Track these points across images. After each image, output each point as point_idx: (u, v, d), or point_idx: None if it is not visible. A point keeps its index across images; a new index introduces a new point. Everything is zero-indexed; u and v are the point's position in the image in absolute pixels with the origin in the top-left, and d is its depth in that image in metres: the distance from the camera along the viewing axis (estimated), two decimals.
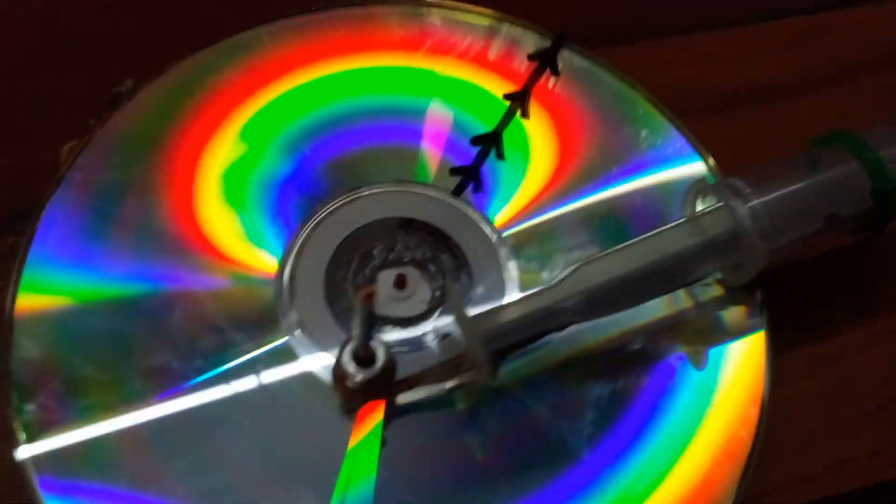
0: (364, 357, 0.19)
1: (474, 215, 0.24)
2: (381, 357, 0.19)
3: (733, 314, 0.23)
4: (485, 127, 0.25)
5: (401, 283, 0.23)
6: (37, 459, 0.19)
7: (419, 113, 0.26)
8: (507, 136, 0.25)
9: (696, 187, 0.21)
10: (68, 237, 0.23)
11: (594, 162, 0.25)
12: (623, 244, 0.20)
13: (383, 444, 0.20)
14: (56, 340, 0.21)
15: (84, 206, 0.23)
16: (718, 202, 0.21)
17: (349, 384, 0.19)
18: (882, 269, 0.26)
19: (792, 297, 0.26)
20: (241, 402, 0.21)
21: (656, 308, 0.23)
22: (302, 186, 0.24)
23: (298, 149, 0.25)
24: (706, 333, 0.23)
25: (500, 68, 0.27)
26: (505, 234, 0.24)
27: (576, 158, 0.25)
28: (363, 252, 0.23)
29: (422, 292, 0.23)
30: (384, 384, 0.19)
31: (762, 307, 0.23)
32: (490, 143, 0.25)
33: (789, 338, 0.25)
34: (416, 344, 0.22)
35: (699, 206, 0.22)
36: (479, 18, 0.28)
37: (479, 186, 0.25)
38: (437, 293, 0.23)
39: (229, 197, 0.24)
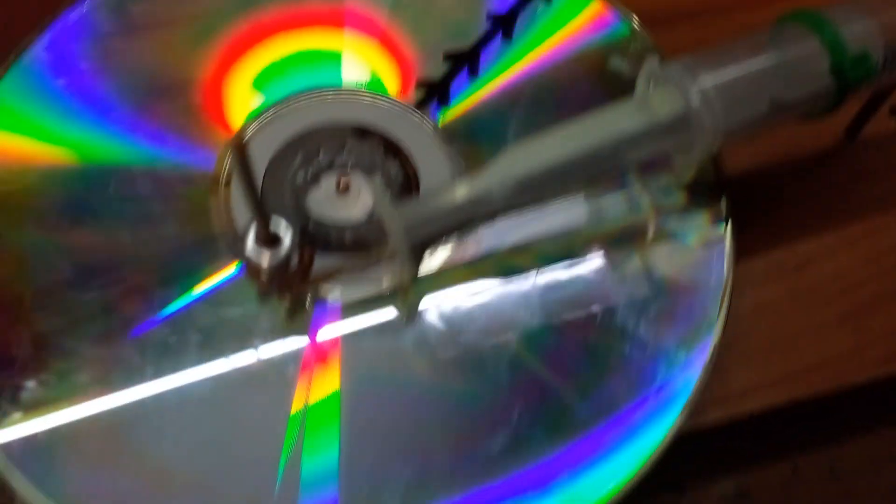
0: (267, 238, 0.17)
1: (428, 128, 0.23)
2: (286, 238, 0.17)
3: (697, 222, 0.23)
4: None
5: (343, 187, 0.22)
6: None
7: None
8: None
9: (648, 68, 0.20)
10: None
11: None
12: (561, 126, 0.19)
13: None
14: None
15: None
16: (668, 82, 0.20)
17: (262, 276, 0.18)
18: (852, 177, 0.26)
19: (758, 205, 0.25)
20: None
21: (617, 216, 0.22)
22: None
23: None
24: (669, 242, 0.22)
25: None
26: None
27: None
28: (309, 151, 0.22)
29: (364, 199, 0.22)
30: (302, 274, 0.18)
31: (726, 217, 0.22)
32: (464, 61, 0.24)
33: (754, 245, 0.24)
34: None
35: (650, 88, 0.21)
36: None
37: (444, 101, 0.24)
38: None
39: None
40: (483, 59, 0.24)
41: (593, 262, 0.22)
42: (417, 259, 0.18)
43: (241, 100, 0.23)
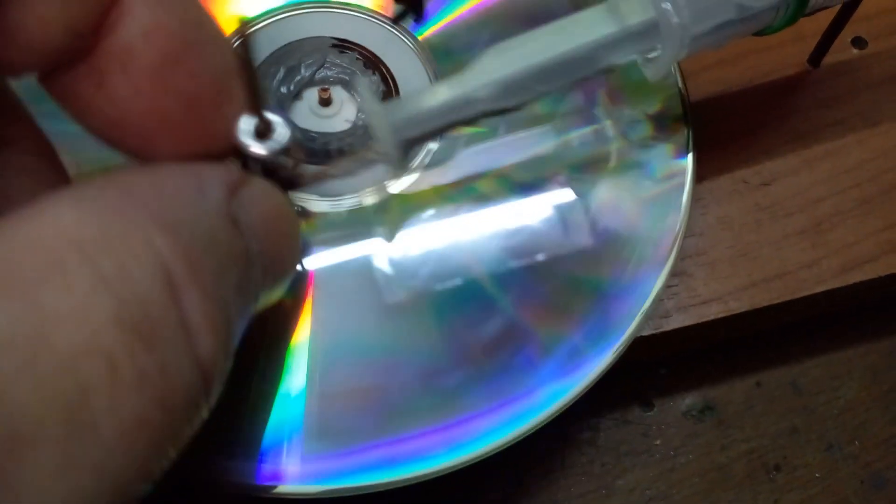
0: (261, 129, 0.16)
1: (409, 42, 0.24)
2: (280, 130, 0.16)
3: (662, 150, 0.24)
4: None
5: (326, 100, 0.23)
6: None
7: None
8: None
9: None
10: None
11: None
12: (538, 30, 0.19)
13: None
14: None
15: None
16: None
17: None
18: (814, 103, 0.26)
19: (725, 130, 0.26)
20: None
21: (584, 147, 0.23)
22: None
23: None
24: (635, 169, 0.23)
25: None
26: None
27: None
28: (290, 66, 0.23)
29: (346, 112, 0.23)
30: (289, 172, 0.18)
31: (689, 142, 0.23)
32: None
33: (721, 165, 0.25)
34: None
35: None
36: None
37: (419, 18, 0.24)
38: (362, 115, 0.23)
39: None
40: None
41: (541, 206, 0.23)
42: (402, 160, 0.19)
43: (222, 14, 0.24)
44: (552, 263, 0.22)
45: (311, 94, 0.23)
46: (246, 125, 0.15)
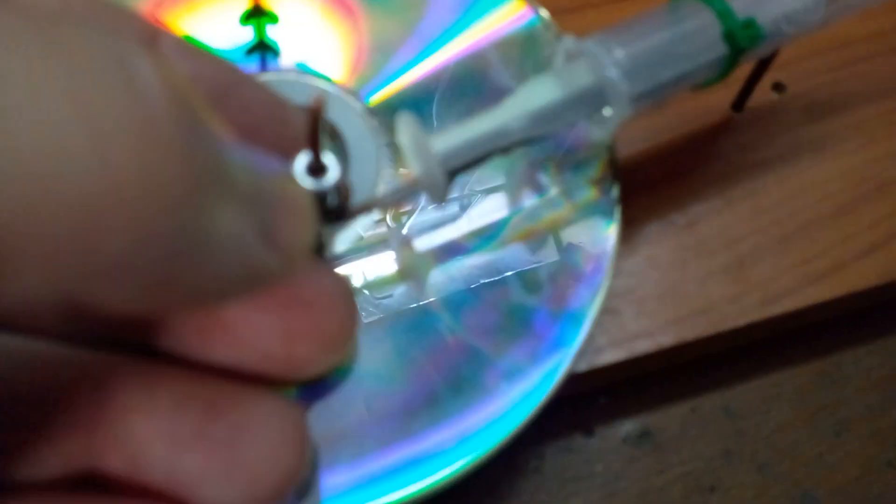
0: (316, 168, 0.18)
1: (357, 107, 0.26)
2: (333, 170, 0.18)
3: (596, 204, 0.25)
4: None
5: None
6: None
7: None
8: None
9: (563, 45, 0.22)
10: None
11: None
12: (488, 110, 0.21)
13: None
14: None
15: None
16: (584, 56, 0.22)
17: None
18: (736, 147, 0.28)
19: (651, 175, 0.28)
20: None
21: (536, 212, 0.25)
22: None
23: None
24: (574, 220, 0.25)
25: None
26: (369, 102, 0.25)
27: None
28: None
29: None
30: (338, 207, 0.19)
31: (618, 194, 0.25)
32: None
33: (649, 208, 0.27)
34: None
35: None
36: None
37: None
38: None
39: None
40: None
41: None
42: (446, 189, 0.20)
43: None
44: (501, 304, 0.23)
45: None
46: (301, 163, 0.17)
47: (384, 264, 0.23)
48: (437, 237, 0.24)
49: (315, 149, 0.17)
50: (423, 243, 0.24)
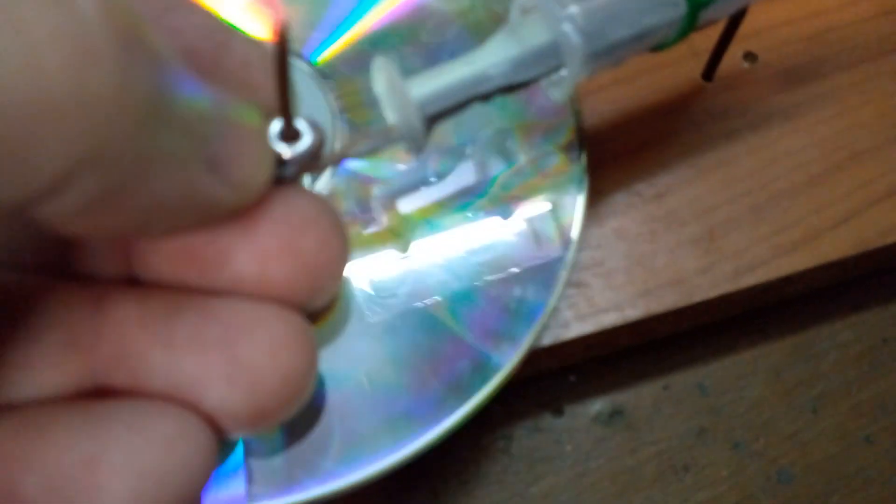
0: (290, 135, 0.17)
1: (304, 68, 0.25)
2: (307, 134, 0.17)
3: (564, 174, 0.24)
4: None
5: None
6: None
7: None
8: None
9: (519, 2, 0.21)
10: None
11: None
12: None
13: None
14: None
15: None
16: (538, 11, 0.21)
17: (279, 163, 0.19)
18: (707, 115, 0.28)
19: (621, 145, 0.27)
20: None
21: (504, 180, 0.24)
22: None
23: None
24: (532, 191, 0.24)
25: None
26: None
27: None
28: None
29: None
30: (313, 158, 0.19)
31: (583, 159, 0.24)
32: None
33: (617, 179, 0.26)
34: None
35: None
36: None
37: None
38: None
39: None
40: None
41: (509, 226, 0.24)
42: (425, 137, 0.19)
43: None
44: (473, 271, 0.23)
45: None
46: (274, 128, 0.16)
47: (388, 264, 0.23)
48: (418, 198, 0.24)
49: (286, 112, 0.16)
50: (407, 205, 0.23)
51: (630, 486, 0.26)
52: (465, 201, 0.24)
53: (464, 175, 0.24)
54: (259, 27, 0.25)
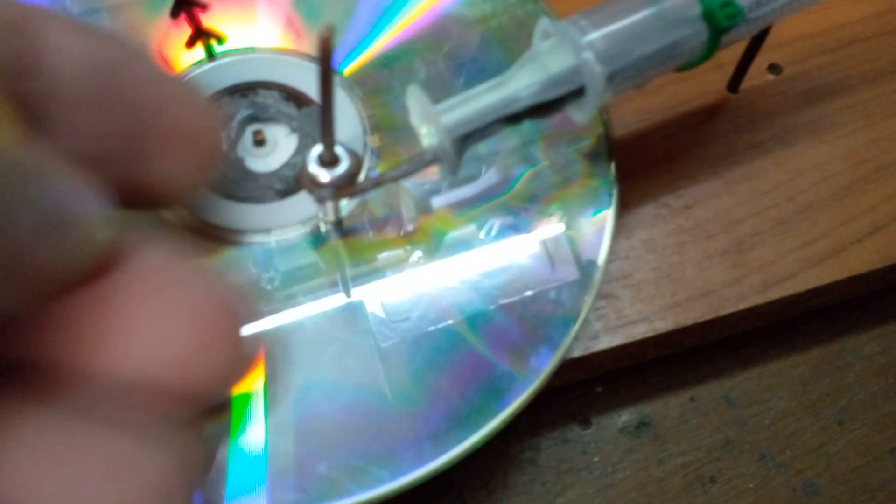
0: (329, 160, 0.18)
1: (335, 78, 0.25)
2: (345, 160, 0.18)
3: (591, 184, 0.25)
4: None
5: (260, 141, 0.24)
6: None
7: None
8: None
9: (540, 27, 0.22)
10: None
11: None
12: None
13: None
14: None
15: None
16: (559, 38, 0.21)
17: (316, 186, 0.19)
18: (733, 127, 0.28)
19: (649, 157, 0.27)
20: None
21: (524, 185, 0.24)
22: None
23: None
24: (560, 201, 0.24)
25: None
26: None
27: None
28: (223, 111, 0.24)
29: (283, 149, 0.24)
30: (350, 182, 0.19)
31: (614, 172, 0.24)
32: None
33: (645, 191, 0.26)
34: None
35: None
36: None
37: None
38: (300, 142, 0.24)
39: None
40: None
41: (524, 247, 0.24)
42: (458, 160, 0.19)
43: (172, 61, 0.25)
44: (487, 294, 0.23)
45: (247, 136, 0.24)
46: (314, 152, 0.18)
47: (399, 287, 0.23)
48: (445, 197, 0.24)
49: (328, 139, 0.17)
50: (437, 202, 0.24)
51: (657, 498, 0.26)
52: (489, 196, 0.24)
53: (489, 177, 0.24)
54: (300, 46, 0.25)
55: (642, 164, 0.27)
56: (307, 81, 0.25)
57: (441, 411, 0.22)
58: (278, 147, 0.24)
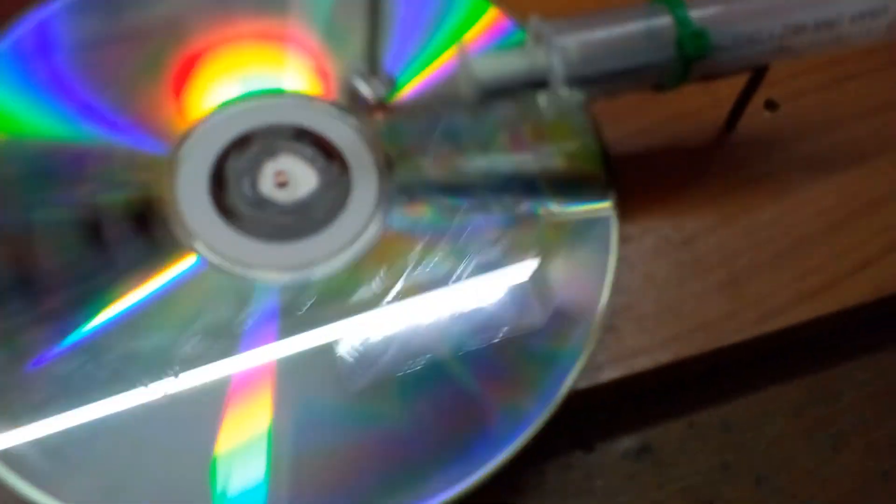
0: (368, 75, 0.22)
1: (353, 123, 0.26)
2: (385, 81, 0.23)
3: (591, 220, 0.26)
4: None
5: (282, 183, 0.25)
6: None
7: None
8: None
9: (531, 25, 0.23)
10: None
11: None
12: None
13: None
14: None
15: None
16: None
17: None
18: (731, 164, 0.29)
19: (648, 193, 0.28)
20: None
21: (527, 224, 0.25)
22: None
23: None
24: (565, 239, 0.25)
25: None
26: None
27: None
28: (245, 150, 0.25)
29: (304, 184, 0.25)
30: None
31: (614, 206, 0.25)
32: None
33: (645, 225, 0.27)
34: None
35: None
36: None
37: None
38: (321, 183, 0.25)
39: None
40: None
41: (495, 289, 0.24)
42: (480, 105, 0.22)
43: (195, 102, 0.26)
44: (493, 332, 0.24)
45: (268, 178, 0.25)
46: (359, 68, 0.22)
47: (370, 329, 0.23)
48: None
49: (374, 58, 0.21)
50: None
51: None
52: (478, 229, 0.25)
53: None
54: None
55: (643, 198, 0.28)
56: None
57: (437, 450, 0.22)
58: (300, 184, 0.25)
